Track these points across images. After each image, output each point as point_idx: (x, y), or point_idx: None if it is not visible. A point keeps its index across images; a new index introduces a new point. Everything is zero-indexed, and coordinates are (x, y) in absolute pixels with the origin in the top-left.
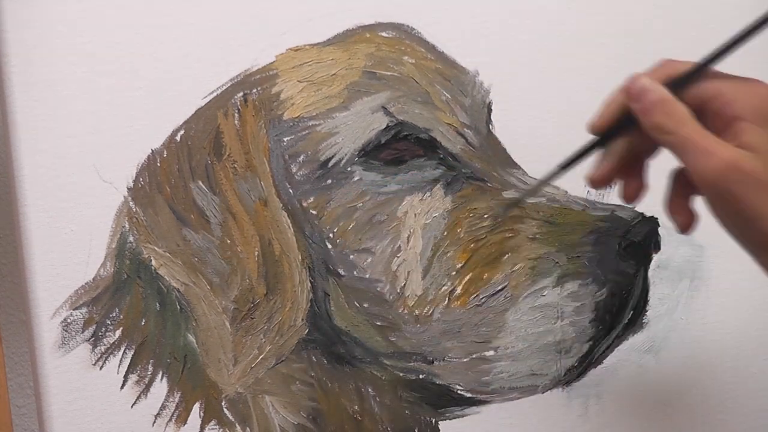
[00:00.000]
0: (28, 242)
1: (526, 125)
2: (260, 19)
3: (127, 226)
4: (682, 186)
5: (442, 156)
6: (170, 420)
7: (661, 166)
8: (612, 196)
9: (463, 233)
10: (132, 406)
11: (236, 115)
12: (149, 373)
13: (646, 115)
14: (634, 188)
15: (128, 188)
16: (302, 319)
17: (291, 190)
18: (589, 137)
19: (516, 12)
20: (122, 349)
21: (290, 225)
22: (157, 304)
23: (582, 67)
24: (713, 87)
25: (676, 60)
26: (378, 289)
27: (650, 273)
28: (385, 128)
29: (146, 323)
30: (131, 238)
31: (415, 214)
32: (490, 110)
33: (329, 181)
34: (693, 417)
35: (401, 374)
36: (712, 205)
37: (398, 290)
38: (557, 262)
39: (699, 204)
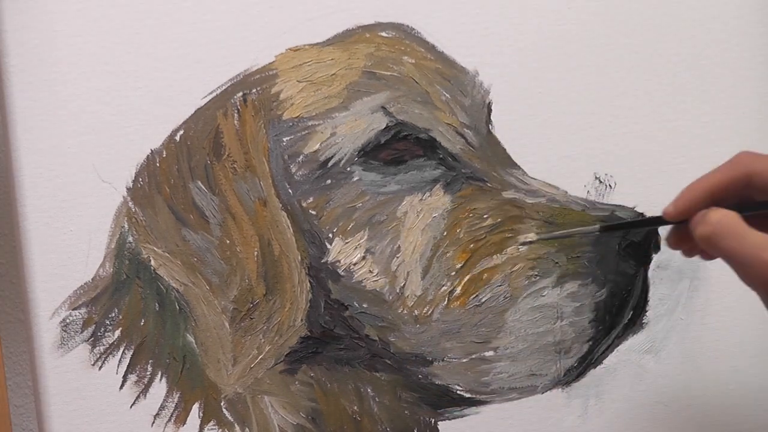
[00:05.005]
0: (27, 242)
1: (526, 125)
2: (260, 19)
3: (126, 226)
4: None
5: (441, 156)
6: (169, 420)
7: (663, 167)
8: (611, 196)
9: (463, 233)
10: (131, 407)
11: (236, 115)
12: (148, 373)
13: (711, 246)
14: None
15: (127, 188)
16: (301, 320)
17: (290, 190)
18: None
19: (516, 12)
20: (121, 349)
21: (289, 225)
22: (157, 305)
23: (582, 67)
24: None
25: (753, 154)
26: (377, 289)
27: (650, 273)
28: (384, 128)
29: (145, 323)
30: (130, 239)
31: (415, 214)
32: (489, 110)
33: (329, 181)
34: (693, 417)
35: (400, 375)
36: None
37: (398, 290)
38: (557, 263)
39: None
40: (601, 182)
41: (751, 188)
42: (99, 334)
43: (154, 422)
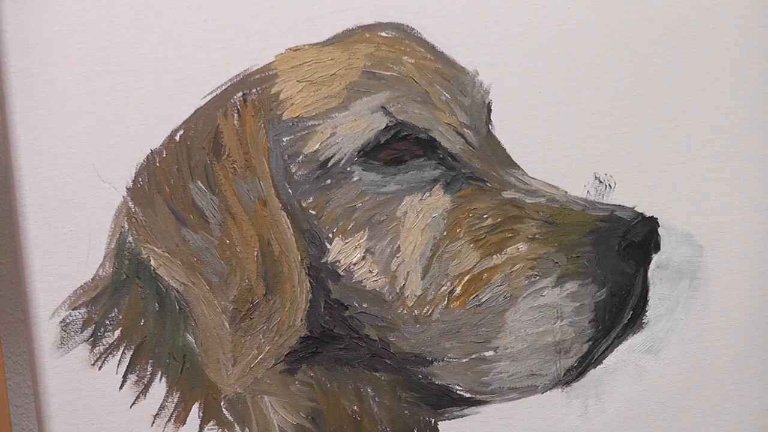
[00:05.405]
0: (27, 242)
1: (526, 125)
2: (260, 19)
3: (126, 226)
4: None
5: (441, 156)
6: (169, 420)
7: (663, 167)
8: (612, 196)
9: (463, 233)
10: (131, 407)
11: (235, 115)
12: (148, 373)
13: None
14: None
15: (127, 188)
16: (301, 319)
17: (290, 190)
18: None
19: (516, 12)
20: (121, 349)
21: (289, 225)
22: (156, 304)
23: (582, 67)
24: None
25: None
26: (377, 289)
27: (650, 273)
28: (384, 128)
29: (145, 323)
30: (130, 238)
31: (415, 214)
32: (489, 110)
33: (328, 181)
34: (693, 417)
35: (400, 375)
36: None
37: (397, 290)
38: (557, 263)
39: (701, 202)
40: (600, 182)
41: None
42: (99, 334)
43: (154, 422)
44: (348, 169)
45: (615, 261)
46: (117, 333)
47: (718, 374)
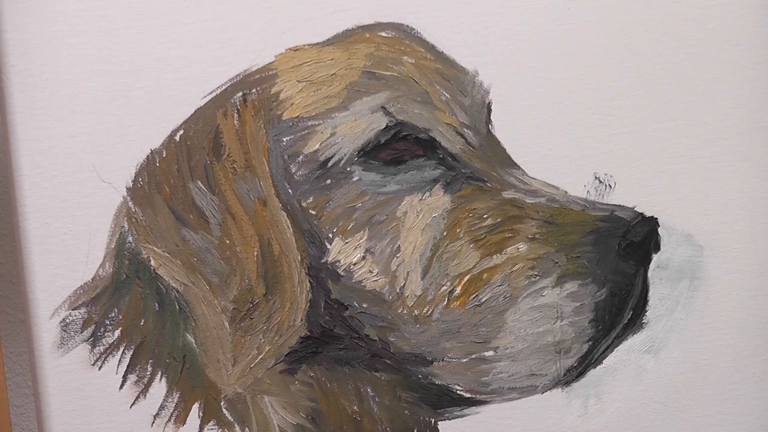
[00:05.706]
0: (26, 242)
1: (526, 125)
2: (260, 19)
3: (126, 226)
4: None
5: (441, 156)
6: (169, 420)
7: (663, 167)
8: (612, 196)
9: (463, 233)
10: (131, 407)
11: (235, 115)
12: (148, 373)
13: None
14: None
15: (127, 188)
16: (301, 319)
17: (290, 190)
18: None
19: (516, 12)
20: (121, 349)
21: (289, 225)
22: (156, 304)
23: (582, 67)
24: None
25: None
26: (377, 289)
27: (650, 273)
28: (384, 128)
29: (145, 323)
30: (130, 238)
31: (415, 214)
32: (489, 110)
33: (328, 181)
34: (693, 417)
35: (400, 375)
36: None
37: (397, 290)
38: (557, 263)
39: (701, 202)
40: (600, 182)
41: None
42: (99, 334)
43: (153, 422)
44: (348, 169)
45: (615, 261)
46: (117, 333)
47: (718, 374)
